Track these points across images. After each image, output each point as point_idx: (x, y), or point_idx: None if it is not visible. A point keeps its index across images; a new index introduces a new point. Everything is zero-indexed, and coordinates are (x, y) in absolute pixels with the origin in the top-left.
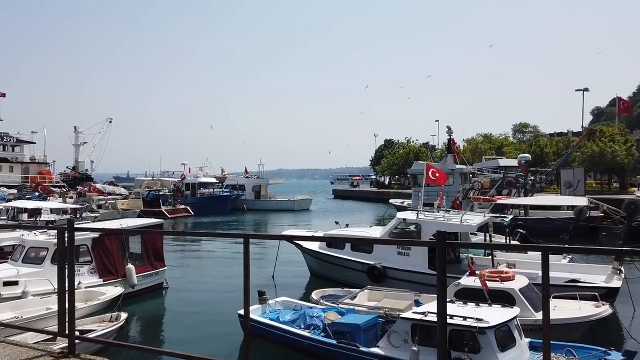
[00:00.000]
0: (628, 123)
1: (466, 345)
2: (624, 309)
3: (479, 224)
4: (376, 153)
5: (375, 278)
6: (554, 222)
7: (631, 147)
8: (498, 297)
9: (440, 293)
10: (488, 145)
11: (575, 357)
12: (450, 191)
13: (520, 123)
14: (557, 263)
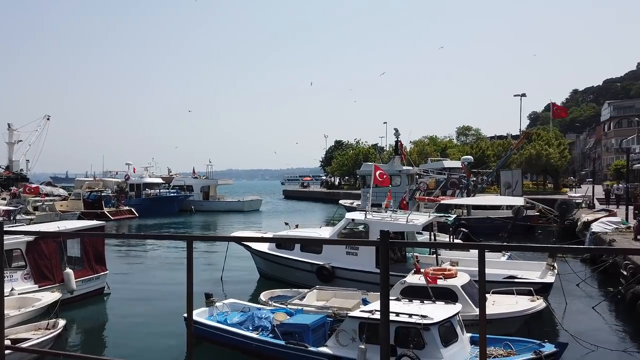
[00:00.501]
0: (562, 127)
1: (411, 341)
2: (556, 302)
3: (424, 223)
4: (326, 154)
5: (324, 278)
6: (494, 221)
7: (564, 150)
8: (441, 294)
9: (383, 291)
10: (433, 147)
11: (513, 350)
12: (398, 192)
13: (463, 126)
14: (496, 260)
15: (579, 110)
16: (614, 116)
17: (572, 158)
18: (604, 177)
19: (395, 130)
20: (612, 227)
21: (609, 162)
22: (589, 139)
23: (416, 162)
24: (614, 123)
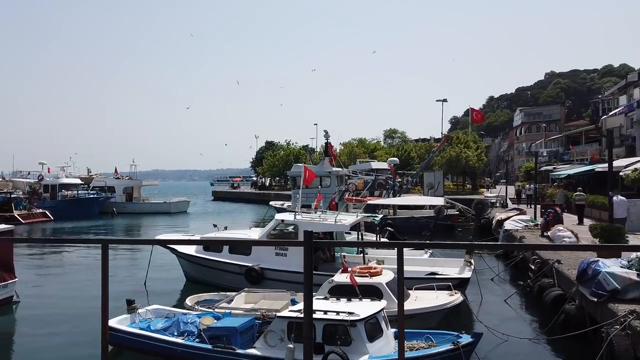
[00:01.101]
0: (479, 131)
1: (339, 338)
2: (473, 296)
3: (351, 223)
4: (257, 155)
5: (253, 280)
6: (418, 221)
7: (481, 153)
8: (367, 291)
9: (306, 291)
10: (362, 149)
11: (433, 342)
12: (327, 193)
13: (390, 129)
14: (419, 258)
15: (494, 115)
16: (524, 122)
17: (488, 160)
18: (516, 178)
19: (325, 132)
20: (522, 225)
21: (520, 164)
22: (503, 142)
23: (345, 163)
24: (524, 128)
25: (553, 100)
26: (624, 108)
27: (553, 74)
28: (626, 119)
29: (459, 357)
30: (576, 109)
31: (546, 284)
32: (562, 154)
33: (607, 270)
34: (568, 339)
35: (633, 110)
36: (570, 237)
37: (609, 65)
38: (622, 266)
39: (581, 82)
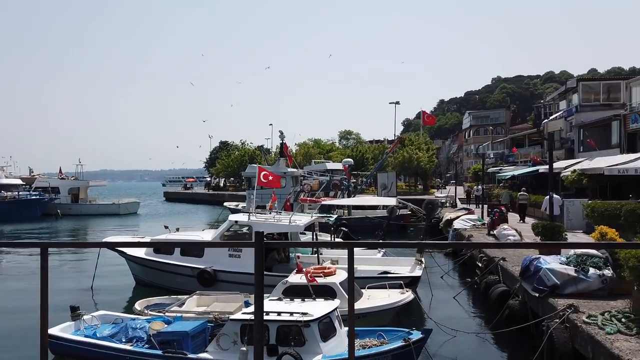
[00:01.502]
0: (430, 133)
1: (292, 339)
2: (424, 294)
3: (306, 224)
4: (211, 155)
5: (206, 282)
6: (371, 221)
7: (432, 155)
8: (321, 291)
9: (257, 292)
10: (318, 149)
11: (385, 339)
12: (282, 193)
13: (345, 130)
14: (372, 257)
15: (445, 118)
16: (473, 125)
17: (439, 162)
18: (465, 179)
19: (280, 132)
20: (470, 224)
21: (469, 165)
22: (453, 144)
23: (301, 164)
24: (473, 131)
25: (499, 104)
26: (564, 112)
27: (499, 79)
28: (566, 122)
29: (410, 353)
30: (520, 113)
31: (492, 280)
32: (507, 156)
33: (548, 267)
34: (512, 332)
35: (572, 115)
36: (515, 236)
37: (551, 72)
38: (561, 262)
39: (525, 87)
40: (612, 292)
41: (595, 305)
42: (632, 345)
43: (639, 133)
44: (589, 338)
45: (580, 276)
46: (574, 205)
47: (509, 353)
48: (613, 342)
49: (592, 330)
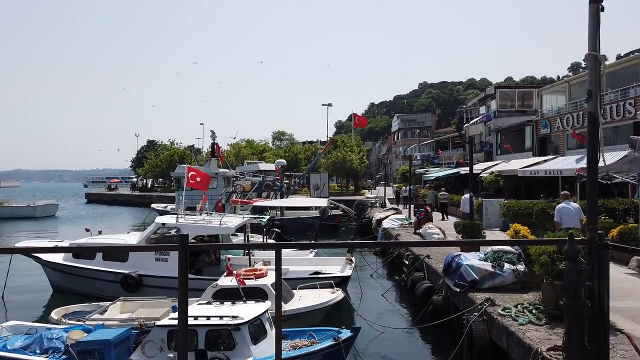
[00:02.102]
0: (362, 135)
1: (222, 343)
2: (354, 293)
3: (237, 225)
4: (138, 154)
5: (130, 288)
6: (304, 221)
7: (363, 156)
8: (253, 293)
9: (181, 297)
10: (250, 150)
11: (316, 339)
12: (214, 194)
13: (278, 131)
14: (305, 258)
15: (375, 121)
16: (401, 127)
17: (369, 163)
18: (394, 180)
19: (211, 132)
20: (398, 224)
21: (397, 167)
22: (383, 146)
23: (233, 164)
24: (401, 133)
25: (426, 108)
26: (483, 117)
27: (426, 84)
28: (485, 127)
29: (340, 351)
30: (445, 117)
31: (418, 277)
32: (432, 158)
33: (468, 263)
34: (436, 326)
35: (490, 120)
36: (439, 234)
37: (472, 79)
38: (479, 259)
39: (449, 92)
40: (525, 286)
41: (509, 298)
42: (542, 335)
43: (548, 137)
44: (504, 329)
45: (497, 271)
46: (492, 204)
47: (433, 346)
48: (525, 332)
49: (507, 322)
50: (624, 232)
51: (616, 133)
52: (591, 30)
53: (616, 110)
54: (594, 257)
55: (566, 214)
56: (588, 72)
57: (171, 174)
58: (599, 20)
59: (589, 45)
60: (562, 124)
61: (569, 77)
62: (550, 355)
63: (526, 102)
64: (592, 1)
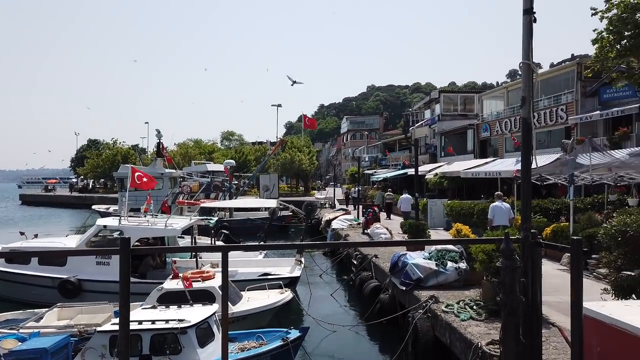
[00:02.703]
0: (311, 136)
1: (168, 347)
2: (303, 293)
3: (183, 227)
4: (77, 154)
5: (69, 293)
6: (253, 222)
7: (313, 157)
8: (200, 296)
9: (123, 301)
10: (198, 150)
11: (264, 340)
12: (160, 195)
13: (227, 131)
14: (254, 259)
15: (325, 122)
16: (350, 129)
17: (319, 164)
18: (343, 180)
19: (157, 131)
20: (347, 224)
21: (346, 168)
22: (332, 147)
23: (180, 165)
24: (350, 135)
25: (374, 111)
26: (428, 121)
27: (374, 87)
28: (430, 130)
29: (288, 351)
30: (392, 119)
31: (366, 277)
32: (380, 159)
33: (413, 262)
34: (383, 324)
35: (435, 123)
36: (386, 234)
37: (418, 83)
38: (424, 258)
39: (396, 96)
40: (466, 283)
41: (452, 295)
42: (482, 330)
43: (489, 140)
44: (447, 325)
45: (440, 269)
46: (436, 204)
47: (381, 343)
48: (466, 328)
49: (449, 318)
50: (556, 230)
51: (550, 137)
52: (525, 40)
53: (549, 116)
54: (528, 255)
55: (498, 212)
56: (522, 79)
57: (114, 174)
58: (532, 30)
59: (523, 54)
60: (501, 127)
61: (507, 83)
62: (490, 349)
63: (468, 107)
64: (525, 12)
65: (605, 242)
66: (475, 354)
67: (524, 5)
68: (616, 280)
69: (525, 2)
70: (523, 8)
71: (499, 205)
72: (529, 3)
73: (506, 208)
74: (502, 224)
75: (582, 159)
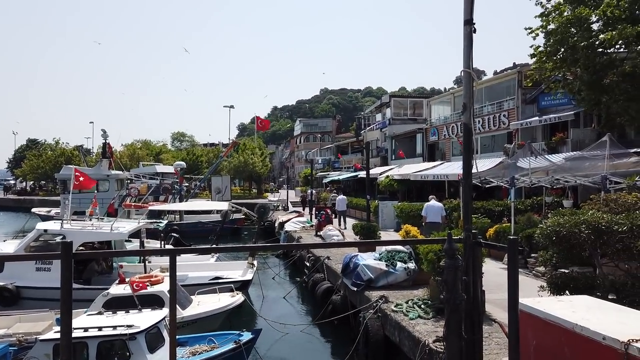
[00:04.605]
0: (265, 138)
1: (116, 354)
2: (256, 296)
3: (130, 231)
4: (16, 154)
5: (6, 301)
6: (205, 225)
7: (266, 159)
8: (149, 300)
9: (64, 307)
10: (147, 151)
11: (216, 344)
12: (106, 198)
13: (178, 132)
14: (205, 263)
15: (278, 124)
16: (303, 132)
17: (272, 166)
18: (296, 183)
19: (102, 131)
20: (300, 226)
21: (300, 170)
22: (286, 150)
23: (128, 166)
24: (303, 137)
25: (327, 114)
26: (379, 124)
27: (327, 91)
28: (381, 133)
29: (241, 354)
30: (345, 122)
31: (318, 278)
32: (333, 162)
33: (364, 263)
34: (335, 325)
35: (386, 127)
36: (338, 236)
37: (369, 87)
38: (375, 259)
39: (349, 99)
40: (415, 283)
41: (401, 294)
42: (429, 328)
43: (437, 144)
44: (396, 324)
45: (390, 270)
46: (387, 206)
47: (333, 344)
48: (415, 326)
49: (398, 317)
50: (499, 231)
51: (493, 141)
52: (465, 49)
53: (493, 121)
54: (469, 254)
55: (431, 211)
56: (463, 87)
57: (56, 175)
58: (472, 40)
59: (464, 62)
60: (448, 132)
61: (454, 89)
62: (436, 346)
63: (417, 111)
64: (466, 23)
65: (541, 242)
66: (422, 352)
67: (464, 16)
68: (551, 278)
69: (466, 13)
70: (464, 19)
71: (432, 204)
72: (469, 14)
73: (438, 207)
74: (434, 220)
75: (523, 162)
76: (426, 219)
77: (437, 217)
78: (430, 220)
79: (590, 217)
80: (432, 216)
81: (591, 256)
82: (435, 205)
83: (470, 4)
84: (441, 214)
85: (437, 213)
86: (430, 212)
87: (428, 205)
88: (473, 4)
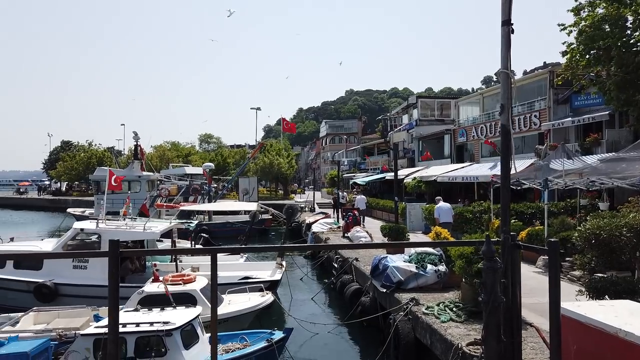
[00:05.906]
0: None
1: (152, 350)
2: (284, 296)
3: (162, 230)
4: (51, 156)
5: (45, 298)
6: (233, 226)
7: (292, 161)
8: (182, 299)
9: (112, 303)
10: (176, 153)
11: (248, 342)
12: (138, 198)
13: (205, 134)
14: (235, 263)
15: (303, 126)
16: (329, 133)
17: (298, 167)
18: (322, 184)
19: (134, 133)
20: (327, 227)
21: (326, 171)
22: (311, 151)
23: (157, 167)
24: (329, 139)
25: (352, 115)
26: (406, 125)
27: (352, 92)
28: (408, 134)
29: (273, 352)
30: (370, 124)
31: (346, 280)
32: (359, 163)
33: (394, 265)
34: (365, 327)
35: (412, 128)
36: (366, 237)
37: (395, 88)
38: (404, 260)
39: (374, 100)
40: (446, 285)
41: (432, 297)
42: (461, 331)
43: (465, 145)
44: (428, 327)
45: (420, 272)
46: (415, 208)
47: (363, 345)
48: (447, 329)
49: (430, 320)
50: (531, 233)
51: (524, 143)
52: (503, 50)
53: (524, 122)
54: (507, 257)
55: (443, 212)
56: (500, 87)
57: (90, 177)
58: (510, 41)
59: (501, 63)
60: (477, 133)
61: (482, 89)
62: (470, 349)
63: (445, 112)
64: (504, 24)
65: (579, 245)
66: (455, 355)
67: (502, 16)
68: (590, 282)
69: (504, 13)
70: (502, 19)
71: (442, 206)
72: (507, 15)
73: (448, 208)
74: (447, 221)
75: (555, 164)
76: (439, 220)
77: (449, 217)
78: (444, 221)
79: (632, 219)
80: (444, 217)
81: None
82: (445, 207)
83: (508, 4)
84: (451, 213)
85: (448, 213)
86: (442, 213)
87: (439, 207)
88: (511, 4)
